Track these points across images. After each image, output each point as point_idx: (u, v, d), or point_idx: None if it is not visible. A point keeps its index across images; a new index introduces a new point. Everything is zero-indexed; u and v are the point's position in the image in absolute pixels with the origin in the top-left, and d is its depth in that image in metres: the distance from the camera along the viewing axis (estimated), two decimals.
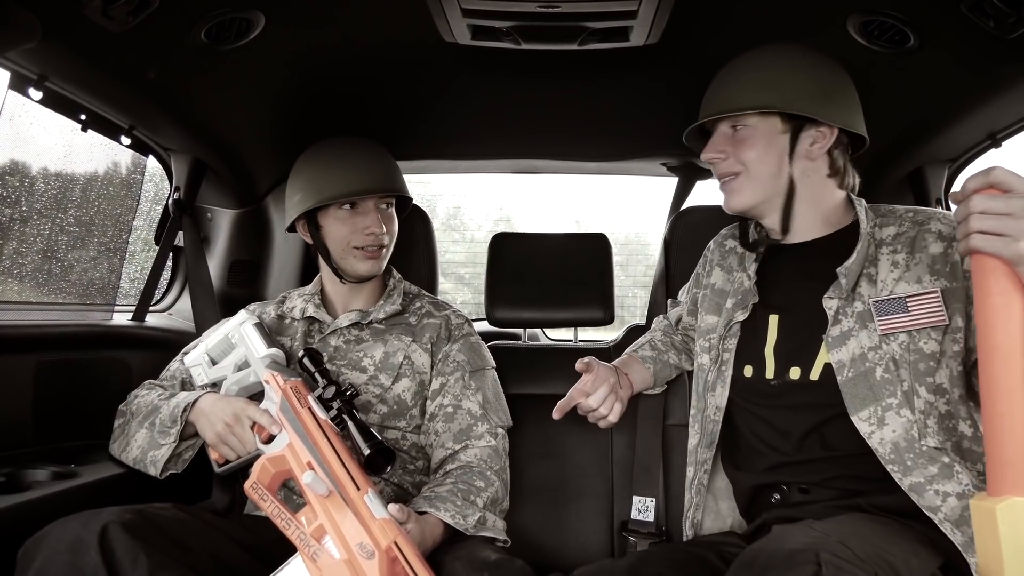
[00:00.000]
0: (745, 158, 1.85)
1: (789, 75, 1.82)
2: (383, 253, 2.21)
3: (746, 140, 1.85)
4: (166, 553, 1.59)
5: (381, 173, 2.20)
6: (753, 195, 1.88)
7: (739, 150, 1.85)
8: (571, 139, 2.93)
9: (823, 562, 1.32)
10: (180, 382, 2.18)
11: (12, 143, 2.07)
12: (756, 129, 1.85)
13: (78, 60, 1.92)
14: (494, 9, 1.92)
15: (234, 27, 1.97)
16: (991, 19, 1.77)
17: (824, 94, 1.81)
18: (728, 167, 1.88)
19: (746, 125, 1.86)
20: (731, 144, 1.87)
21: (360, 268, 2.20)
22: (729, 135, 1.88)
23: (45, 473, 1.93)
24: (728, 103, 1.85)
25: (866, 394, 1.70)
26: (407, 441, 2.14)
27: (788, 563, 1.35)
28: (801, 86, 1.81)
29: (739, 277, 2.02)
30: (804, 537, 1.43)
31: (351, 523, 1.59)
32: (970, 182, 1.36)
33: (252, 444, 1.87)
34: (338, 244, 2.19)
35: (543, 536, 2.41)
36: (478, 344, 2.29)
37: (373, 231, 2.16)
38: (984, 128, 2.38)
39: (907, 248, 1.78)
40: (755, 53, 1.88)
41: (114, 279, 2.55)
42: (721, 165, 1.89)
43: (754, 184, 1.86)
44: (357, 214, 2.18)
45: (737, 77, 1.87)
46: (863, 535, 1.48)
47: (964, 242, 1.36)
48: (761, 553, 1.43)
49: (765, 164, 1.85)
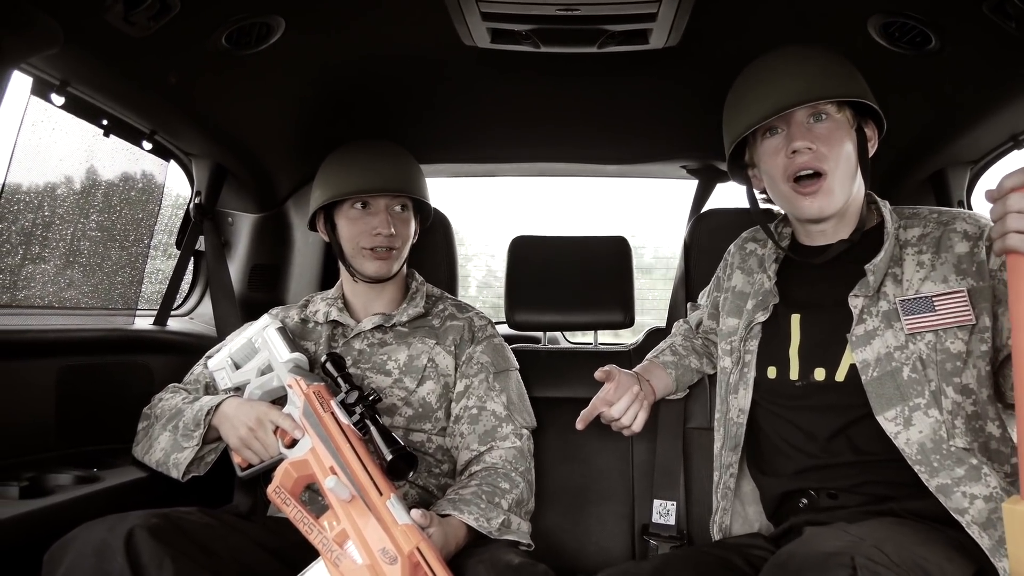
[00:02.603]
0: (835, 153, 1.75)
1: (851, 69, 1.79)
2: (392, 255, 2.21)
3: (832, 133, 1.76)
4: (191, 557, 1.60)
5: (393, 174, 2.20)
6: (842, 195, 1.79)
7: (828, 144, 1.75)
8: (591, 142, 2.92)
9: (858, 566, 1.31)
10: (204, 386, 2.19)
11: (35, 148, 2.08)
12: (837, 122, 1.78)
13: (100, 65, 1.94)
14: (513, 12, 1.92)
15: (254, 32, 1.98)
16: (1013, 20, 1.75)
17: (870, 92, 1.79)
18: (815, 160, 1.75)
19: (828, 116, 1.77)
20: (811, 137, 1.76)
21: (367, 269, 2.20)
22: (806, 127, 1.78)
23: (68, 477, 1.94)
24: (814, 91, 1.73)
25: (893, 394, 1.68)
26: (432, 444, 2.14)
27: (823, 566, 1.34)
28: (862, 81, 1.78)
29: (760, 279, 2.00)
30: (838, 540, 1.42)
31: (373, 528, 1.59)
32: (1007, 180, 1.34)
33: (275, 448, 1.87)
34: (349, 243, 2.21)
35: (564, 539, 2.41)
36: (501, 345, 2.28)
37: (380, 231, 2.16)
38: (1006, 129, 2.36)
39: (932, 248, 1.76)
40: (795, 48, 1.81)
41: (135, 284, 2.56)
42: (808, 157, 1.75)
43: (842, 183, 1.78)
44: (368, 214, 2.20)
45: (804, 66, 1.76)
46: (897, 540, 1.46)
47: (1000, 241, 1.34)
48: (795, 556, 1.42)
49: (849, 160, 1.78)
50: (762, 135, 1.85)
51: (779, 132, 1.81)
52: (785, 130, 1.80)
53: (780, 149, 1.80)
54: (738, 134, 1.83)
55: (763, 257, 2.04)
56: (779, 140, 1.81)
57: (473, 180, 4.25)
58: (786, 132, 1.79)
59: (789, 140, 1.77)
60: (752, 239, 2.13)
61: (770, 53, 1.84)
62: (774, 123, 1.80)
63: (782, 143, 1.80)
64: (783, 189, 1.82)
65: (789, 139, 1.77)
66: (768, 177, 1.87)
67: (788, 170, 1.79)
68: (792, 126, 1.78)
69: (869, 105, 1.78)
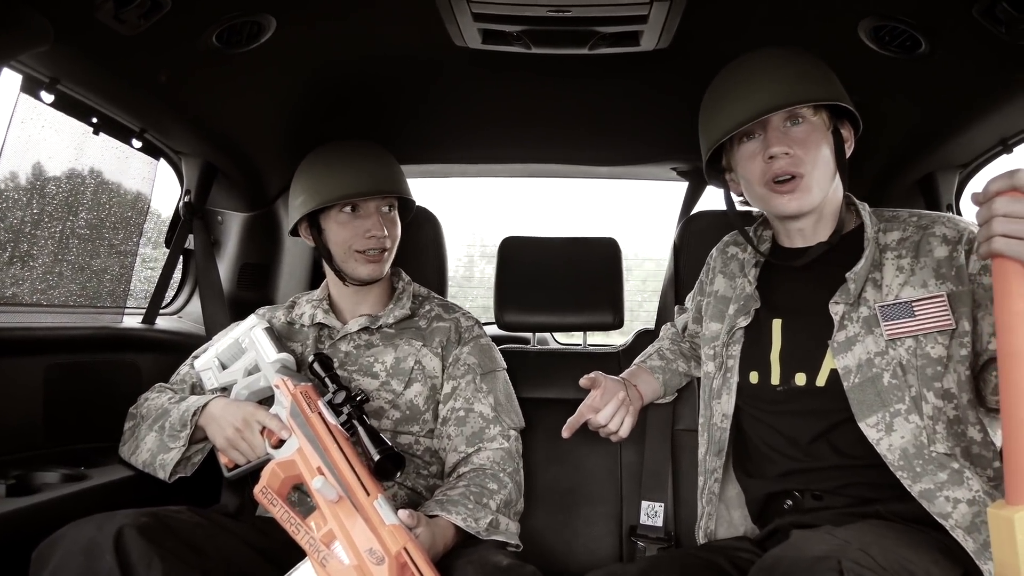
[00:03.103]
0: (812, 156, 1.76)
1: (827, 72, 1.79)
2: (385, 257, 2.21)
3: (809, 137, 1.77)
4: (180, 556, 1.59)
5: (381, 175, 2.19)
6: (820, 194, 1.80)
7: (805, 148, 1.76)
8: (581, 143, 2.93)
9: (845, 570, 1.31)
10: (190, 386, 2.18)
11: (24, 146, 2.07)
12: (814, 125, 1.79)
13: (90, 63, 1.93)
14: (504, 13, 1.93)
15: (245, 30, 1.97)
16: (1002, 24, 1.76)
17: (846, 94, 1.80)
18: (792, 165, 1.76)
19: (805, 119, 1.78)
20: (787, 142, 1.76)
21: (361, 272, 2.19)
22: (782, 131, 1.78)
23: (55, 476, 1.93)
24: (791, 95, 1.73)
25: (873, 400, 1.69)
26: (420, 446, 2.13)
27: (810, 570, 1.34)
28: (838, 83, 1.79)
29: (741, 283, 2.01)
30: (825, 544, 1.42)
31: (361, 529, 1.58)
32: (992, 184, 1.34)
33: (262, 449, 1.87)
34: (339, 248, 2.19)
35: (552, 540, 2.41)
36: (488, 346, 2.28)
37: (374, 234, 2.15)
38: (996, 133, 2.37)
39: (912, 252, 1.76)
40: (771, 51, 1.81)
41: (124, 282, 2.55)
42: (785, 162, 1.76)
43: (820, 183, 1.78)
44: (358, 217, 2.18)
45: (780, 70, 1.77)
46: (884, 543, 1.46)
47: (985, 245, 1.34)
48: (782, 560, 1.42)
49: (826, 163, 1.79)
50: (738, 140, 1.85)
51: (756, 137, 1.81)
52: (762, 135, 1.80)
53: (757, 154, 1.80)
54: (715, 140, 1.83)
55: (744, 261, 2.04)
56: (756, 145, 1.81)
57: (495, 180, 4.25)
58: (763, 137, 1.80)
59: (766, 145, 1.78)
60: (733, 243, 2.13)
61: (745, 55, 1.84)
62: (750, 127, 1.80)
63: (759, 148, 1.80)
64: (759, 191, 1.83)
65: (766, 144, 1.78)
66: (745, 181, 1.87)
67: (766, 175, 1.79)
68: (769, 131, 1.78)
69: (845, 106, 1.79)
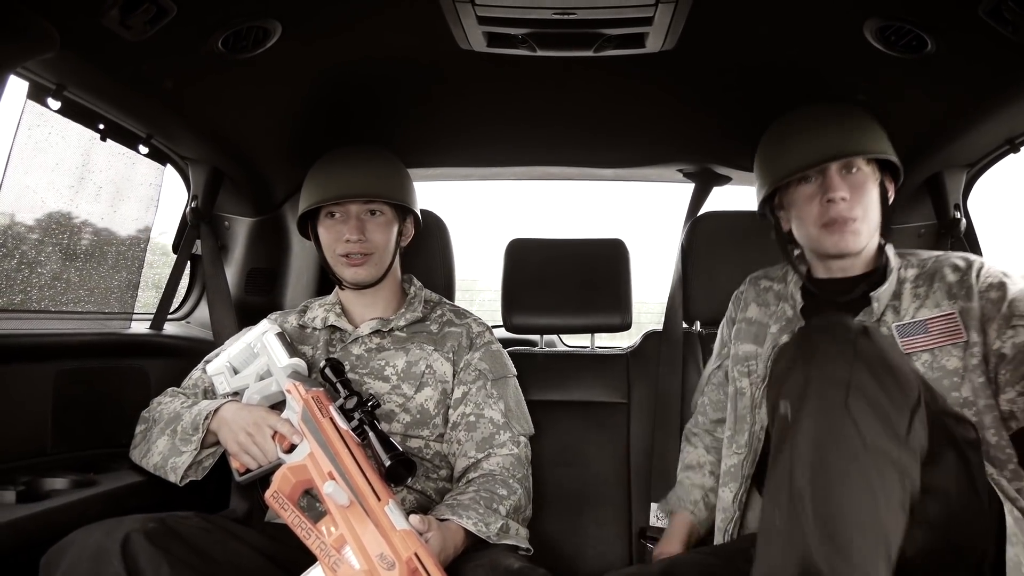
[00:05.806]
0: (866, 203, 1.93)
1: (879, 128, 1.98)
2: (368, 260, 2.20)
3: (864, 185, 1.93)
4: (188, 563, 1.60)
5: (362, 180, 2.20)
6: (868, 238, 1.96)
7: (860, 195, 1.92)
8: (587, 146, 2.92)
9: None
10: (202, 390, 2.18)
11: (31, 152, 2.07)
12: (866, 174, 1.95)
13: (96, 70, 1.93)
14: (509, 16, 1.92)
15: (251, 36, 1.97)
16: (1009, 24, 1.75)
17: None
18: (848, 210, 1.91)
19: (860, 169, 1.94)
20: (844, 188, 1.92)
21: (345, 275, 2.21)
22: (840, 178, 1.93)
23: (64, 482, 1.92)
24: (854, 146, 1.91)
25: None
26: (430, 450, 2.14)
27: None
28: (887, 139, 1.97)
29: (781, 308, 2.10)
30: None
31: (372, 534, 1.58)
32: None
33: (273, 453, 1.87)
34: (327, 251, 2.23)
35: (562, 543, 2.41)
36: (499, 352, 2.28)
37: (348, 238, 2.17)
38: (1003, 133, 2.37)
39: (927, 283, 1.92)
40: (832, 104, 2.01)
41: (131, 288, 2.55)
42: (842, 207, 1.91)
43: (870, 228, 1.95)
44: (338, 221, 2.21)
45: (842, 123, 1.95)
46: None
47: None
48: None
49: (875, 209, 1.95)
50: (796, 182, 2.00)
51: (812, 181, 1.97)
52: (819, 179, 1.96)
53: (814, 196, 1.96)
54: (780, 178, 1.99)
55: (780, 292, 2.14)
56: (813, 188, 1.97)
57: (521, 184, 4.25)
58: (820, 181, 1.95)
59: (824, 189, 1.93)
60: (765, 277, 2.25)
61: (807, 106, 2.04)
62: (809, 172, 1.95)
63: (816, 191, 1.96)
64: (813, 231, 1.98)
65: (824, 188, 1.93)
66: (799, 220, 2.02)
67: (823, 217, 1.94)
68: (827, 176, 1.94)
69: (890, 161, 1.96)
